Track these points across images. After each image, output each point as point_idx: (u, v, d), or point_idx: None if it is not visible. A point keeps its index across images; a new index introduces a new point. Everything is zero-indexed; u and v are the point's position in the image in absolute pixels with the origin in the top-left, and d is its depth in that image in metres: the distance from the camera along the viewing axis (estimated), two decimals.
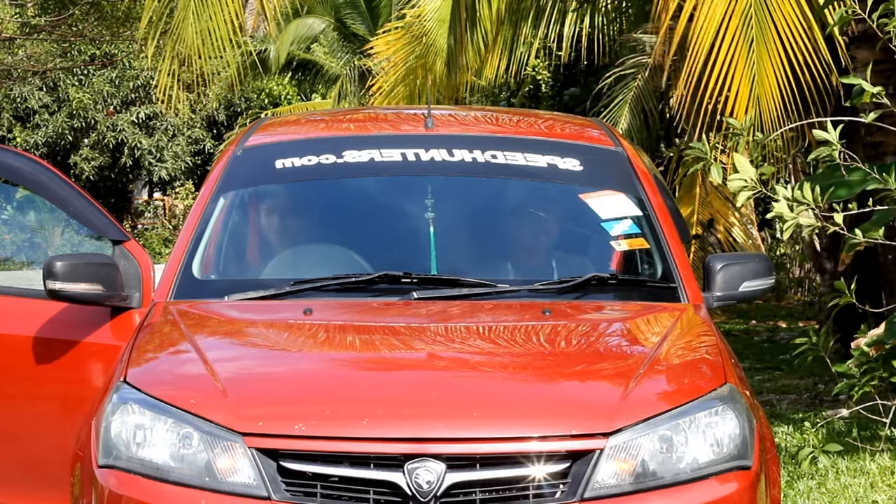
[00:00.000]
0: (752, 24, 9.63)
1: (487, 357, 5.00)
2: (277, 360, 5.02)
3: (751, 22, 9.63)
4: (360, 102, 24.19)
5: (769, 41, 9.60)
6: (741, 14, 9.63)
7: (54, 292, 5.56)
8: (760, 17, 9.62)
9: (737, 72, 9.66)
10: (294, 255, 5.94)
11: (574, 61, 18.25)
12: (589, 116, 11.88)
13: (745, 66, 9.63)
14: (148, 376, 4.78)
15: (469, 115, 7.06)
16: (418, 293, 5.36)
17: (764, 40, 9.60)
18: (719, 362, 4.87)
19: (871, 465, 8.28)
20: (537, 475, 4.39)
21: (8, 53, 25.17)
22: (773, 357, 14.46)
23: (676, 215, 5.98)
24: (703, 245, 17.87)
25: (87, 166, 38.94)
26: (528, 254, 5.97)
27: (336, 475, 4.39)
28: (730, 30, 9.66)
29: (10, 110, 38.25)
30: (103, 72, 37.89)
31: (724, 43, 9.67)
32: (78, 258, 5.62)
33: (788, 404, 11.36)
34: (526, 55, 14.44)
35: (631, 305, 5.56)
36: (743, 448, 4.60)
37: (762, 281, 5.74)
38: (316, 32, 28.05)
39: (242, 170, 6.02)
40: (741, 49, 9.63)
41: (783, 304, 21.01)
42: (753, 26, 9.62)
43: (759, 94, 9.62)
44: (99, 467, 4.59)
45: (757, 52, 9.61)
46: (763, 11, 9.61)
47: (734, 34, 9.65)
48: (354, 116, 7.32)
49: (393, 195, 6.09)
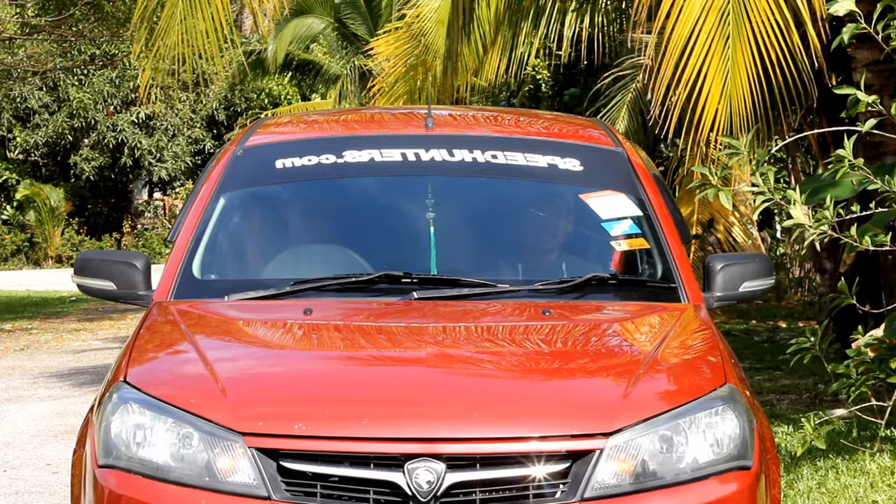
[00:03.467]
0: (729, 21, 9.61)
1: (487, 357, 5.01)
2: (277, 359, 5.02)
3: (727, 18, 9.61)
4: (360, 102, 24.18)
5: (744, 38, 9.58)
6: (718, 11, 9.61)
7: (78, 286, 5.67)
8: (737, 14, 9.60)
9: (710, 69, 9.64)
10: (294, 255, 5.94)
11: (574, 61, 18.24)
12: (589, 116, 11.89)
13: (719, 62, 9.60)
14: (148, 376, 4.78)
15: (469, 115, 7.06)
16: (418, 293, 5.36)
17: (739, 37, 9.58)
18: (719, 362, 4.87)
19: (870, 465, 8.28)
20: (537, 475, 4.39)
21: (8, 53, 25.17)
22: (773, 357, 14.46)
23: (676, 215, 5.98)
24: (703, 245, 17.88)
25: (87, 166, 38.94)
26: (528, 254, 5.97)
27: (336, 475, 4.39)
28: (705, 27, 9.64)
29: (10, 110, 38.26)
30: (103, 72, 37.90)
31: (699, 39, 9.65)
32: (103, 255, 5.66)
33: (788, 404, 11.36)
34: (526, 55, 14.43)
35: (631, 305, 5.56)
36: (743, 448, 4.60)
37: (762, 281, 5.74)
38: (315, 32, 28.02)
39: (242, 170, 6.02)
40: (716, 45, 9.61)
41: (783, 304, 21.01)
42: (730, 23, 9.61)
43: (730, 93, 9.60)
44: (99, 467, 4.59)
45: (732, 49, 9.59)
46: (740, 8, 9.59)
47: (710, 31, 9.63)
48: (354, 116, 7.32)
49: (393, 195, 6.09)
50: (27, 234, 39.28)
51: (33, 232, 39.15)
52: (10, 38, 24.33)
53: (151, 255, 37.19)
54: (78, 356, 17.12)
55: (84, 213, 40.52)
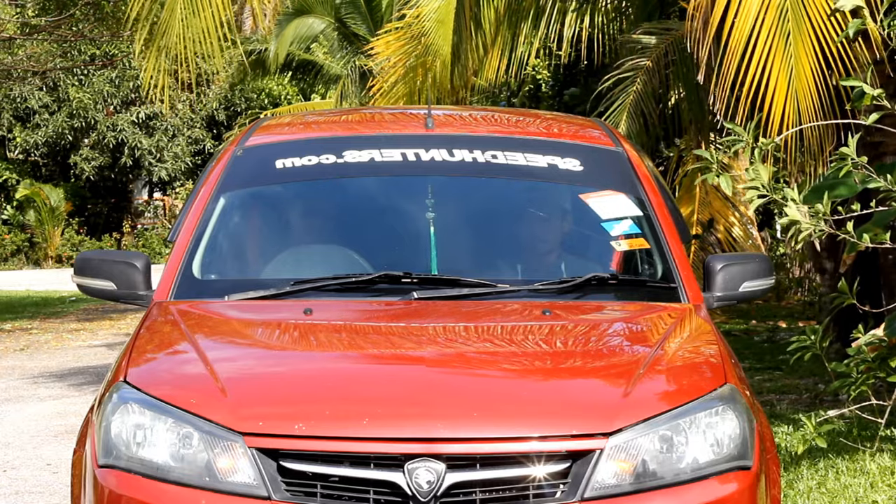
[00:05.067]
0: (788, 18, 9.60)
1: (487, 357, 5.00)
2: (277, 359, 5.02)
3: (786, 15, 9.61)
4: (361, 102, 24.18)
5: (804, 35, 9.58)
6: (776, 8, 9.61)
7: (78, 286, 5.67)
8: (795, 11, 9.60)
9: (773, 67, 9.63)
10: (294, 255, 5.94)
11: (574, 61, 18.24)
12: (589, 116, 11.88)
13: (782, 60, 9.60)
14: (148, 376, 4.78)
15: (469, 115, 7.06)
16: (418, 293, 5.36)
17: (800, 34, 9.57)
18: (719, 362, 4.87)
19: (871, 465, 8.28)
20: (537, 475, 4.39)
21: (8, 53, 25.17)
22: (773, 357, 14.46)
23: (676, 215, 5.98)
24: (703, 245, 17.87)
25: (87, 166, 38.94)
26: (528, 254, 5.97)
27: (336, 475, 4.39)
28: (765, 26, 9.63)
29: (10, 110, 38.26)
30: (103, 72, 37.90)
31: (759, 37, 9.63)
32: (103, 255, 5.66)
33: (788, 404, 11.35)
34: (526, 55, 14.42)
35: (631, 305, 5.56)
36: (743, 448, 4.60)
37: (762, 281, 5.75)
38: (316, 32, 28.03)
39: (242, 170, 6.02)
40: (778, 43, 9.60)
41: (783, 304, 21.00)
42: (789, 20, 9.60)
43: (797, 89, 9.59)
44: (99, 467, 4.59)
45: (794, 46, 9.59)
46: (798, 5, 9.60)
47: (770, 29, 9.62)
48: (354, 116, 7.32)
49: (393, 195, 6.09)
50: (27, 234, 39.30)
51: (33, 232, 39.16)
52: (10, 38, 24.33)
53: (151, 255, 37.19)
54: (78, 356, 17.12)
55: (84, 213, 40.53)
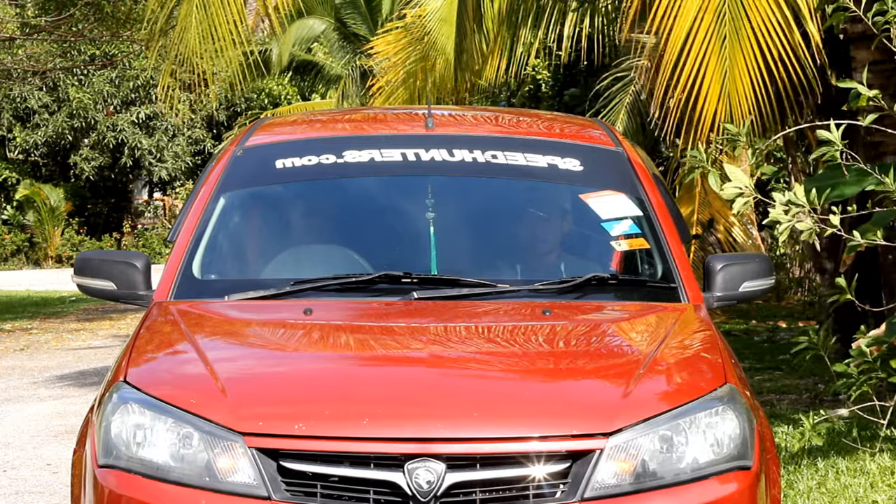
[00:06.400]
0: (726, 21, 9.64)
1: (487, 357, 5.00)
2: (277, 359, 5.02)
3: (724, 18, 9.64)
4: (361, 102, 24.20)
5: (743, 38, 9.61)
6: (714, 11, 9.65)
7: (78, 286, 5.66)
8: (734, 14, 9.62)
9: (708, 69, 9.66)
10: (294, 255, 5.94)
11: (574, 61, 18.26)
12: (589, 116, 11.89)
13: (717, 62, 9.63)
14: (148, 376, 4.78)
15: (469, 115, 7.06)
16: (418, 293, 5.36)
17: (738, 37, 9.61)
18: (719, 362, 4.87)
19: (871, 465, 8.28)
20: (537, 475, 4.39)
21: (8, 53, 25.16)
22: (773, 357, 14.45)
23: (676, 215, 5.98)
24: (703, 245, 17.88)
25: (87, 166, 38.94)
26: (528, 254, 5.97)
27: (336, 475, 4.39)
28: (702, 28, 9.67)
29: (10, 110, 38.27)
30: (103, 72, 37.90)
31: (695, 41, 9.68)
32: (103, 255, 5.66)
33: (788, 404, 11.35)
34: (526, 55, 14.44)
35: (631, 305, 5.56)
36: (743, 448, 4.60)
37: (762, 281, 5.74)
38: (317, 33, 28.07)
39: (242, 170, 6.02)
40: (714, 46, 9.64)
41: (783, 304, 21.00)
42: (727, 23, 9.64)
43: (729, 91, 9.62)
44: (99, 467, 4.59)
45: (729, 49, 9.62)
46: (737, 8, 9.62)
47: (706, 32, 9.66)
48: (354, 116, 7.32)
49: (393, 195, 6.09)
50: (27, 234, 39.30)
51: (33, 232, 39.16)
52: (10, 38, 24.33)
53: (151, 255, 37.19)
54: (78, 356, 17.11)
55: (84, 213, 40.53)
